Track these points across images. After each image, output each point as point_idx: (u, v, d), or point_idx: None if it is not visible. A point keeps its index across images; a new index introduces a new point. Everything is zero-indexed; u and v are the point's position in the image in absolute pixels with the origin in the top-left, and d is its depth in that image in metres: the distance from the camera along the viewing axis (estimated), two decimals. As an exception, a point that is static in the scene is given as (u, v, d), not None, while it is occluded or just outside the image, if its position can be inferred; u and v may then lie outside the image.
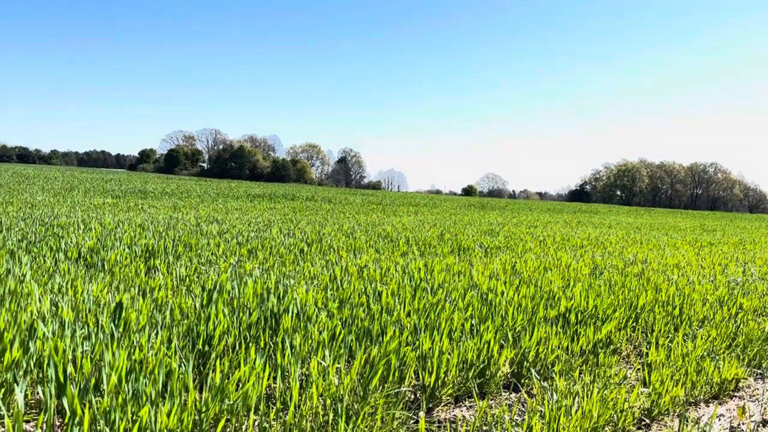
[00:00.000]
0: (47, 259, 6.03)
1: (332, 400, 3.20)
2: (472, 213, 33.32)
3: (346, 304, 4.69)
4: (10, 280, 4.55)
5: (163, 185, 44.94)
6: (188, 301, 4.36)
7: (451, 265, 7.39)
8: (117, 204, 20.54)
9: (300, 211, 23.73)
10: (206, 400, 2.86)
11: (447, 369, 3.76)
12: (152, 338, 3.55)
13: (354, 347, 3.89)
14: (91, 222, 11.03)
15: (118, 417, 2.59)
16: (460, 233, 14.06)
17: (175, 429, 2.63)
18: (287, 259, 7.55)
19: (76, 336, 3.27)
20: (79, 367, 2.91)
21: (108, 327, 3.47)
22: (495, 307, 5.00)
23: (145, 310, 3.94)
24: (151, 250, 7.25)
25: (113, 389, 2.80)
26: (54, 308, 4.00)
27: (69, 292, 4.36)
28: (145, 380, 2.76)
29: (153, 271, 6.14)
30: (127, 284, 5.09)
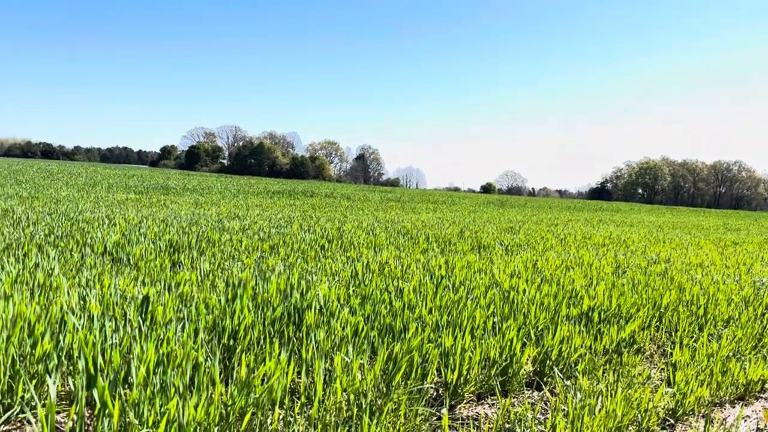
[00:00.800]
0: (74, 254, 6.14)
1: (355, 396, 3.23)
2: (491, 211, 33.18)
3: (368, 300, 4.71)
4: (39, 274, 4.64)
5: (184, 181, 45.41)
6: (213, 296, 4.41)
7: (472, 263, 7.38)
8: (140, 200, 20.81)
9: (319, 208, 23.82)
10: (232, 394, 2.90)
11: (469, 366, 3.77)
12: (179, 332, 3.60)
13: (376, 343, 3.91)
14: (116, 217, 11.19)
15: (147, 409, 2.64)
16: (480, 231, 14.02)
17: (202, 422, 2.67)
18: (308, 256, 7.59)
19: (105, 329, 3.33)
20: (108, 360, 2.97)
21: (136, 320, 3.53)
22: (517, 305, 4.99)
23: (171, 304, 3.99)
24: (175, 245, 7.34)
25: (142, 381, 2.84)
26: (82, 302, 4.07)
27: (96, 286, 4.44)
28: (173, 373, 2.81)
29: (177, 266, 6.22)
30: (152, 279, 5.17)
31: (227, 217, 13.69)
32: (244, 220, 12.92)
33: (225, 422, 2.77)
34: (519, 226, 17.92)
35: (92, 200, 18.34)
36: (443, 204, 39.34)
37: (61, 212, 11.90)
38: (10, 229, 8.21)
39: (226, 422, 2.76)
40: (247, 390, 2.93)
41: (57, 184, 28.97)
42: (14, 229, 8.28)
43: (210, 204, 21.04)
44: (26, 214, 10.88)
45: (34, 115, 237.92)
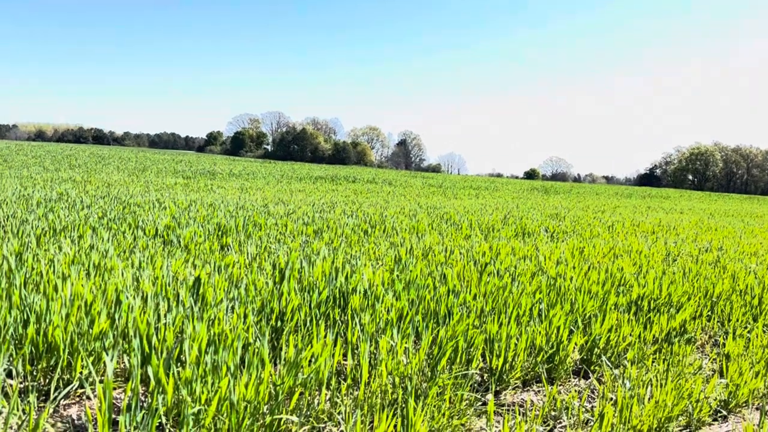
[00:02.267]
0: (127, 236, 6.34)
1: (400, 379, 3.25)
2: (535, 197, 32.70)
3: (412, 285, 4.72)
4: (94, 255, 4.81)
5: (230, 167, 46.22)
6: (260, 278, 4.50)
7: (517, 249, 7.30)
8: (188, 184, 21.30)
9: (361, 193, 23.92)
10: (281, 373, 2.96)
11: (515, 353, 3.74)
12: (229, 313, 3.69)
13: (420, 328, 3.92)
14: (165, 201, 11.49)
15: (200, 387, 2.72)
16: (524, 217, 13.84)
17: (252, 400, 2.73)
18: (352, 240, 7.65)
19: (158, 309, 3.44)
20: (162, 338, 3.06)
21: (188, 301, 3.63)
22: (564, 293, 4.92)
23: (221, 285, 4.09)
24: (223, 228, 7.50)
25: (194, 360, 2.93)
26: (136, 282, 4.21)
27: (149, 267, 4.58)
28: (225, 353, 2.88)
29: (225, 249, 6.36)
30: (202, 260, 5.30)
31: (272, 202, 13.89)
32: (289, 205, 13.09)
33: (274, 401, 2.82)
34: (564, 212, 17.61)
35: (142, 184, 18.87)
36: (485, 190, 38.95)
37: (113, 196, 12.29)
38: (65, 211, 8.53)
39: (276, 401, 2.82)
40: (296, 370, 2.98)
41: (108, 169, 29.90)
42: (69, 211, 8.60)
43: (255, 189, 21.37)
44: (80, 197, 11.28)
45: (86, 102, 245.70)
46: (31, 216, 7.44)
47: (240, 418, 2.65)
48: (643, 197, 46.80)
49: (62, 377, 3.12)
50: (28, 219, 7.20)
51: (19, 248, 5.09)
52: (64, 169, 26.55)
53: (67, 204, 9.69)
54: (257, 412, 2.73)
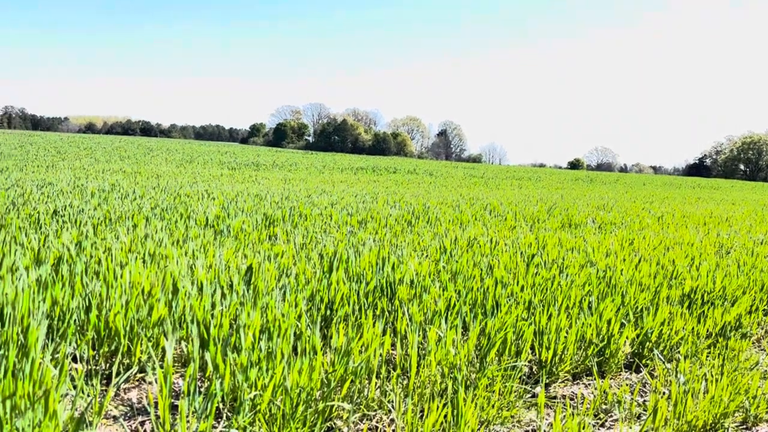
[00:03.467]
0: (179, 225, 6.52)
1: (449, 369, 3.26)
2: (580, 187, 32.09)
3: (458, 276, 4.71)
4: (149, 244, 4.96)
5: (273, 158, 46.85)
6: (308, 268, 4.56)
7: (564, 241, 7.20)
8: (233, 175, 21.70)
9: (402, 184, 23.92)
10: (333, 362, 3.01)
11: (565, 346, 3.71)
12: (279, 301, 3.76)
13: (468, 319, 3.92)
14: (213, 192, 11.75)
15: (255, 373, 2.78)
16: (569, 208, 13.61)
17: (305, 387, 2.78)
18: (396, 231, 7.67)
19: (213, 296, 3.53)
20: (218, 325, 3.15)
21: (240, 289, 3.71)
22: (614, 285, 4.84)
23: (272, 274, 4.17)
24: (270, 218, 7.63)
25: (249, 347, 3.00)
26: (190, 270, 4.33)
27: (201, 256, 4.70)
28: (279, 340, 2.94)
29: (273, 239, 6.47)
30: (252, 250, 5.41)
31: (315, 193, 14.04)
32: (332, 196, 13.20)
33: (327, 388, 2.87)
34: (611, 203, 17.24)
35: (190, 175, 19.32)
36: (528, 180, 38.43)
37: (162, 186, 12.62)
38: (119, 201, 8.82)
39: (328, 388, 2.87)
40: (347, 359, 3.02)
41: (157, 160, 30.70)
42: (122, 201, 8.89)
43: (298, 180, 21.62)
44: (132, 188, 11.62)
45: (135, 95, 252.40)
46: (87, 206, 7.72)
47: (294, 404, 2.71)
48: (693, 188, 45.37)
49: (122, 362, 3.24)
50: (84, 209, 7.47)
51: (78, 237, 5.29)
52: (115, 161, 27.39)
53: (119, 194, 10.01)
54: (310, 399, 2.79)
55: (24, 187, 10.46)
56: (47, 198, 8.68)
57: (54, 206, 7.45)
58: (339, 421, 2.91)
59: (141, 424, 2.77)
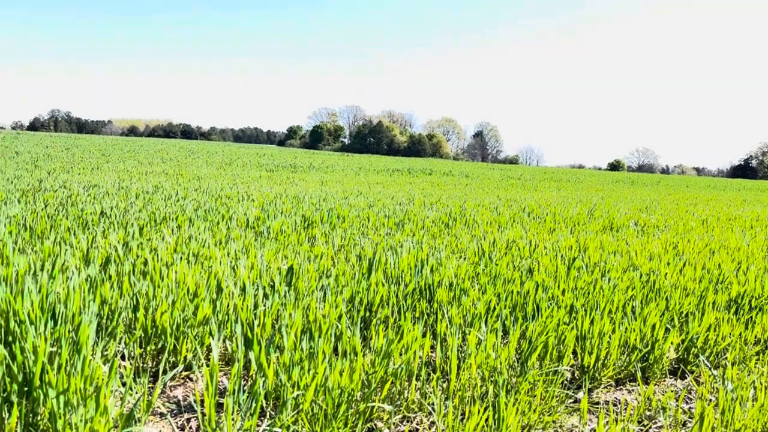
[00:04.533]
0: (221, 226, 6.64)
1: (489, 373, 3.24)
2: (621, 189, 31.45)
3: (498, 278, 4.68)
4: (192, 244, 5.07)
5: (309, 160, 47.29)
6: (347, 269, 4.60)
7: (606, 244, 7.07)
8: (271, 177, 21.99)
9: (438, 186, 23.85)
10: (373, 363, 3.02)
11: (608, 351, 3.65)
12: (320, 302, 3.80)
13: (508, 323, 3.89)
14: (253, 193, 11.93)
15: (297, 372, 2.82)
16: (611, 210, 13.36)
17: (345, 387, 2.81)
18: (433, 233, 7.66)
19: (257, 296, 3.59)
20: (261, 325, 3.20)
21: (282, 289, 3.76)
22: (658, 290, 4.73)
23: (312, 275, 4.21)
24: (309, 220, 7.71)
25: (291, 347, 3.04)
26: (232, 271, 4.41)
27: (243, 257, 4.78)
28: (321, 340, 2.97)
29: (312, 240, 6.53)
30: (291, 251, 5.47)
31: (352, 195, 14.11)
32: (368, 197, 13.25)
33: (367, 389, 2.89)
34: (653, 206, 16.85)
35: (229, 177, 19.64)
36: (567, 182, 37.85)
37: (204, 188, 12.87)
38: (162, 203, 9.03)
39: (368, 389, 2.89)
40: (387, 361, 3.03)
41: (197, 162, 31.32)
42: (166, 203, 9.10)
43: (334, 182, 21.77)
44: (175, 189, 11.89)
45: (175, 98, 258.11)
46: (132, 207, 7.93)
47: (335, 404, 2.73)
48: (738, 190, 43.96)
49: (168, 360, 3.32)
50: (129, 210, 7.67)
51: (124, 238, 5.44)
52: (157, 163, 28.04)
53: (162, 196, 10.25)
54: (351, 399, 2.81)
55: (71, 188, 10.80)
56: (93, 199, 8.95)
57: (101, 207, 7.68)
58: (379, 422, 2.92)
59: (187, 421, 2.84)
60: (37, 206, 7.68)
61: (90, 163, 23.79)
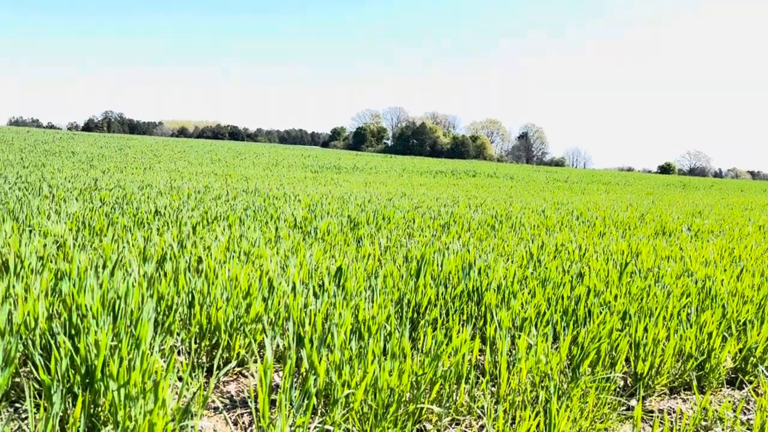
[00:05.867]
0: (270, 226, 6.76)
1: (540, 378, 3.20)
2: (672, 193, 30.55)
3: (547, 282, 4.62)
4: (243, 243, 5.18)
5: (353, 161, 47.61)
6: (395, 270, 4.61)
7: (658, 249, 6.89)
8: (316, 178, 22.24)
9: (483, 188, 23.66)
10: (423, 364, 3.03)
11: (662, 358, 3.56)
12: (368, 302, 3.82)
13: (558, 328, 3.84)
14: (299, 194, 12.10)
15: (347, 371, 2.85)
16: (662, 214, 13.00)
17: (395, 388, 2.82)
18: (480, 235, 7.61)
19: (308, 296, 3.64)
20: (312, 323, 3.24)
21: (331, 289, 3.81)
22: (715, 297, 4.59)
23: (360, 275, 4.25)
24: (354, 221, 7.77)
25: (340, 346, 3.07)
26: (282, 270, 4.48)
27: (293, 256, 4.86)
28: (371, 340, 3.00)
29: (359, 241, 6.58)
30: (338, 251, 5.53)
31: (396, 196, 14.14)
32: (412, 199, 13.26)
33: (416, 390, 2.90)
34: (708, 210, 16.32)
35: (276, 178, 19.96)
36: (616, 185, 37.01)
37: (251, 189, 13.12)
38: (213, 202, 9.25)
39: (417, 390, 2.90)
40: (436, 363, 3.04)
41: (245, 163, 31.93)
42: (216, 202, 9.31)
43: (378, 183, 21.85)
44: (224, 190, 12.16)
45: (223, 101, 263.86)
46: (185, 207, 8.15)
47: (385, 404, 2.75)
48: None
49: (222, 356, 3.40)
50: (182, 209, 7.89)
51: (178, 236, 5.60)
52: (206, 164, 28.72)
53: (213, 196, 10.50)
54: (400, 400, 2.82)
55: (126, 188, 11.17)
56: (147, 198, 9.24)
57: (155, 206, 7.92)
58: (428, 423, 2.93)
59: (239, 416, 2.90)
60: (94, 204, 7.98)
61: (142, 163, 24.55)
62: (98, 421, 2.62)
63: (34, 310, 3.08)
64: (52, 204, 7.64)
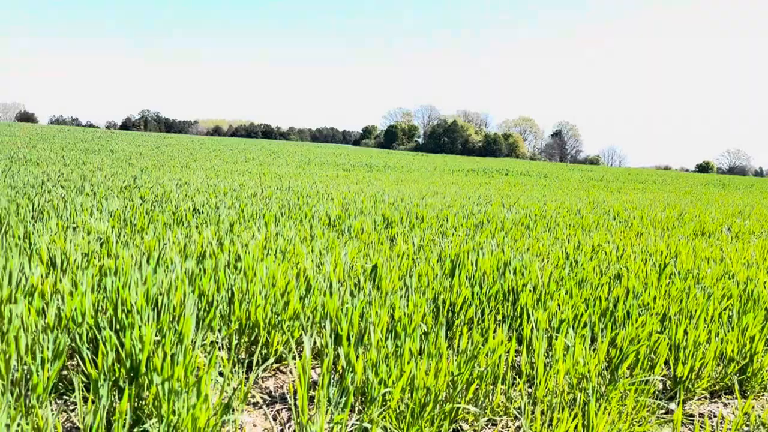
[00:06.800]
0: (304, 224, 6.84)
1: (578, 380, 3.18)
2: (710, 192, 29.81)
3: (584, 283, 4.57)
4: (280, 241, 5.25)
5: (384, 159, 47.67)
6: (429, 270, 4.62)
7: (698, 250, 6.75)
8: (348, 176, 22.34)
9: (516, 186, 23.45)
10: (459, 364, 3.04)
11: (703, 361, 3.50)
12: (403, 301, 3.84)
13: (596, 329, 3.80)
14: (332, 192, 12.18)
15: (384, 370, 2.87)
16: (701, 214, 12.71)
17: (431, 387, 2.84)
18: (514, 235, 7.56)
19: (344, 294, 3.68)
20: (349, 322, 3.28)
21: (367, 287, 3.84)
22: (757, 299, 4.48)
23: (394, 274, 4.27)
24: (388, 219, 7.79)
25: (376, 345, 3.10)
26: (317, 268, 4.53)
27: (327, 254, 4.91)
28: (407, 339, 3.02)
29: (393, 240, 6.61)
30: (372, 250, 5.56)
31: (428, 194, 14.12)
32: (444, 197, 13.22)
33: (453, 390, 2.91)
34: (748, 210, 15.88)
35: (308, 176, 20.13)
36: (653, 184, 36.28)
37: (285, 187, 13.26)
38: (248, 200, 9.39)
39: (454, 389, 2.91)
40: (473, 363, 3.04)
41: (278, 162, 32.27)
42: (251, 200, 9.45)
43: (410, 181, 21.85)
44: (259, 188, 12.32)
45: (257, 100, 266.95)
46: (222, 205, 8.29)
47: (422, 402, 2.77)
48: None
49: (260, 352, 3.46)
50: (219, 207, 8.03)
51: (216, 233, 5.70)
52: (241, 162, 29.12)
53: (248, 194, 10.65)
54: (437, 399, 2.84)
55: (164, 185, 11.41)
56: (185, 196, 9.43)
57: (193, 204, 8.08)
58: (465, 423, 2.94)
59: (278, 412, 2.95)
60: (134, 202, 8.18)
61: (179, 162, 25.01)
62: (143, 415, 2.69)
63: (81, 305, 3.19)
64: (93, 201, 7.85)
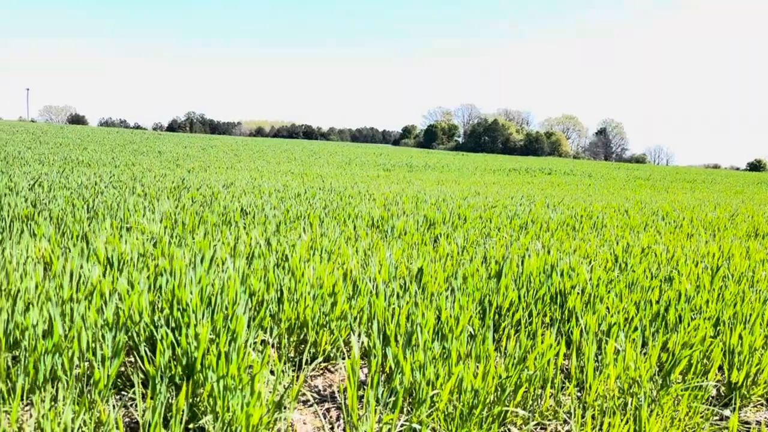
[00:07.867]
0: (348, 225, 6.90)
1: (629, 385, 3.13)
2: (763, 191, 28.73)
3: (635, 286, 4.49)
4: (325, 242, 5.32)
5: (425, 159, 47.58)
6: (474, 271, 4.61)
7: (752, 252, 6.53)
8: (389, 176, 22.40)
9: (559, 186, 23.09)
10: (507, 367, 3.03)
11: (759, 367, 3.40)
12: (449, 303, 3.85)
13: (647, 333, 3.73)
14: (374, 192, 12.25)
15: (432, 371, 2.89)
16: (754, 215, 12.27)
17: (479, 389, 2.84)
18: (560, 236, 7.46)
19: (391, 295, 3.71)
20: (396, 323, 3.31)
21: (413, 289, 3.86)
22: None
23: (440, 276, 4.28)
24: (430, 220, 7.80)
25: (424, 346, 3.12)
26: (362, 269, 4.58)
27: (372, 255, 4.95)
28: (454, 341, 3.03)
29: (436, 241, 6.61)
30: (416, 251, 5.58)
31: (470, 195, 14.05)
32: (486, 198, 13.13)
33: (501, 393, 2.90)
34: (805, 210, 15.25)
35: (350, 176, 20.27)
36: (702, 183, 35.20)
37: (327, 187, 13.40)
38: (293, 201, 9.52)
39: (502, 392, 2.90)
40: (521, 366, 3.03)
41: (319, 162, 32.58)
42: (296, 200, 9.59)
43: (451, 181, 21.76)
44: (302, 188, 12.48)
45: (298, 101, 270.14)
46: (267, 205, 8.44)
47: (470, 405, 2.77)
48: None
49: (309, 351, 3.52)
50: (265, 207, 8.17)
51: (263, 233, 5.82)
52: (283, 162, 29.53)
53: (292, 194, 10.80)
54: (485, 402, 2.84)
55: (212, 186, 11.67)
56: (232, 197, 9.63)
57: (240, 204, 8.25)
58: (513, 427, 2.92)
59: (327, 410, 3.00)
60: (185, 202, 8.40)
61: (224, 162, 25.51)
62: (198, 411, 2.78)
63: (138, 304, 3.31)
64: (145, 202, 8.10)
